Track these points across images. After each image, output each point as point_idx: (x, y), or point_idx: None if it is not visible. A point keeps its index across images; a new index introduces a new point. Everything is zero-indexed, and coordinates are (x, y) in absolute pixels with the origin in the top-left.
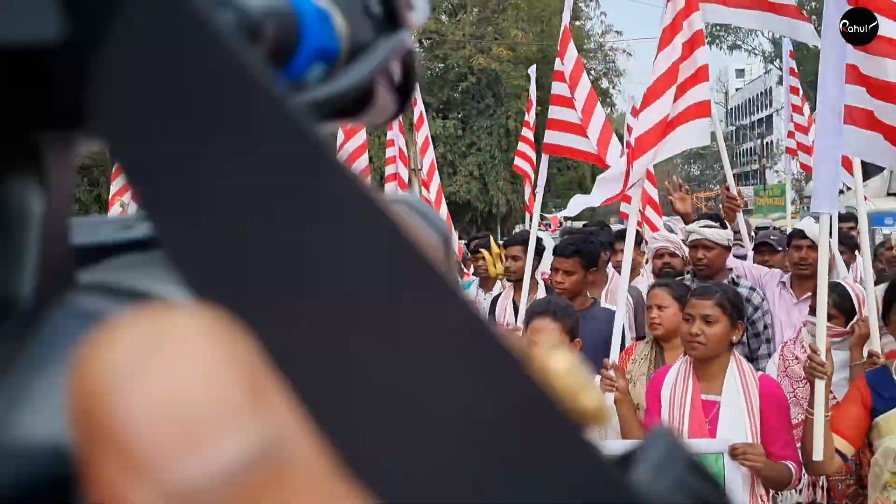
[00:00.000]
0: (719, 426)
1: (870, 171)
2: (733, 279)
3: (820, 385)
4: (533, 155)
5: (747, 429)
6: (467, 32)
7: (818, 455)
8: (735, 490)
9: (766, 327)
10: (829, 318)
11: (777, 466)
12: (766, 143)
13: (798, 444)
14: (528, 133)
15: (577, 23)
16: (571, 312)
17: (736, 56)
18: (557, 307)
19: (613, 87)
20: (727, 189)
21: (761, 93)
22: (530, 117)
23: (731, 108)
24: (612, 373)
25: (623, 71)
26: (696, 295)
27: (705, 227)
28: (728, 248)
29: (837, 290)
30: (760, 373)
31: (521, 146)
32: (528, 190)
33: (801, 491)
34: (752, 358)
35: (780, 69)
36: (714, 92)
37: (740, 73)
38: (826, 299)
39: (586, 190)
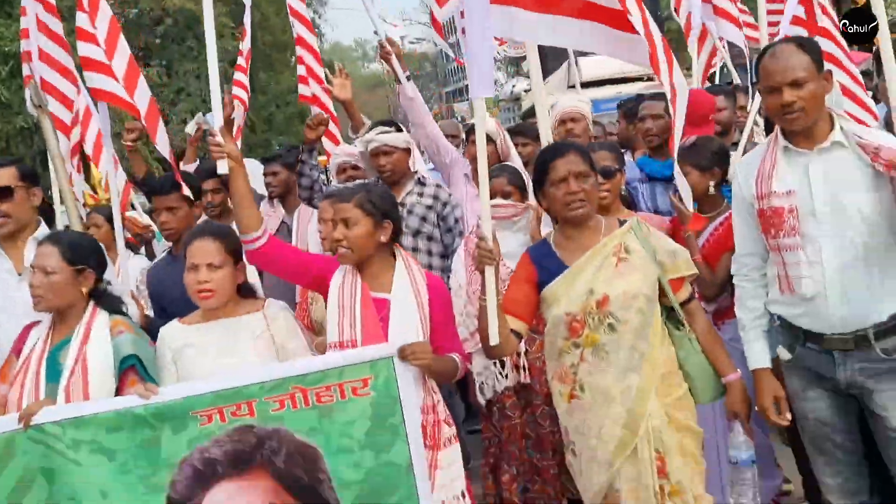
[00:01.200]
0: (391, 323)
1: (549, 67)
2: (419, 179)
3: (490, 271)
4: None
5: (418, 324)
6: None
7: (493, 339)
8: (409, 389)
9: (457, 221)
10: (507, 195)
11: (444, 360)
12: None
13: (475, 332)
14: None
15: None
16: (232, 232)
17: None
18: (215, 228)
19: (319, 17)
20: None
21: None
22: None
23: (442, 24)
24: (219, 139)
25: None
26: (333, 199)
27: (382, 133)
28: (409, 151)
29: (508, 170)
30: (425, 270)
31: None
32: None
33: (507, 376)
34: (448, 254)
35: None
36: (420, 13)
37: None
38: (487, 183)
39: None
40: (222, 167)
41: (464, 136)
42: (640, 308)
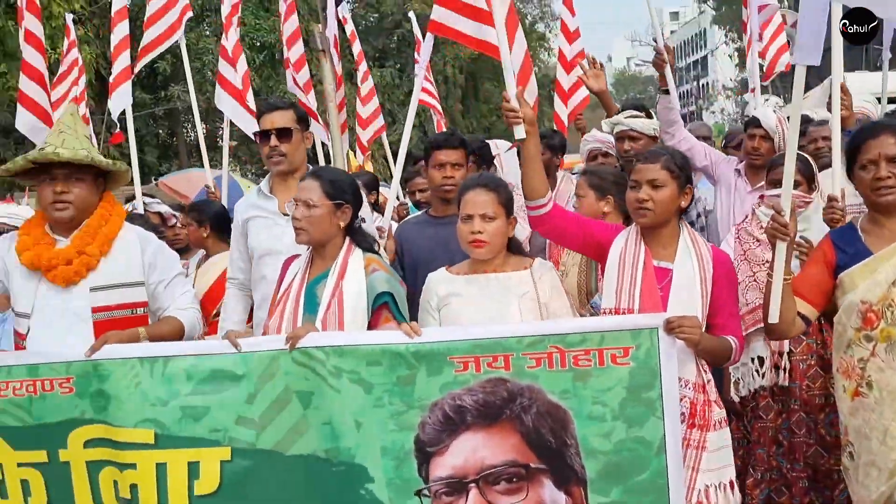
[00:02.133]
0: (672, 293)
1: (810, 83)
2: None
3: (781, 247)
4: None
5: (699, 298)
6: None
7: (773, 318)
8: (671, 364)
9: (699, 216)
10: (795, 185)
11: (717, 340)
12: (703, 84)
13: (751, 312)
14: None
15: None
16: (505, 185)
17: None
18: (489, 178)
19: (550, 31)
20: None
21: (696, 34)
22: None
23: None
24: (514, 104)
25: (559, 14)
26: (642, 160)
27: (630, 117)
28: (655, 139)
29: (799, 158)
30: (711, 243)
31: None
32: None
33: (763, 374)
34: None
35: (714, 9)
36: (648, 35)
37: (674, 15)
38: (794, 162)
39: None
40: (519, 133)
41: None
42: None
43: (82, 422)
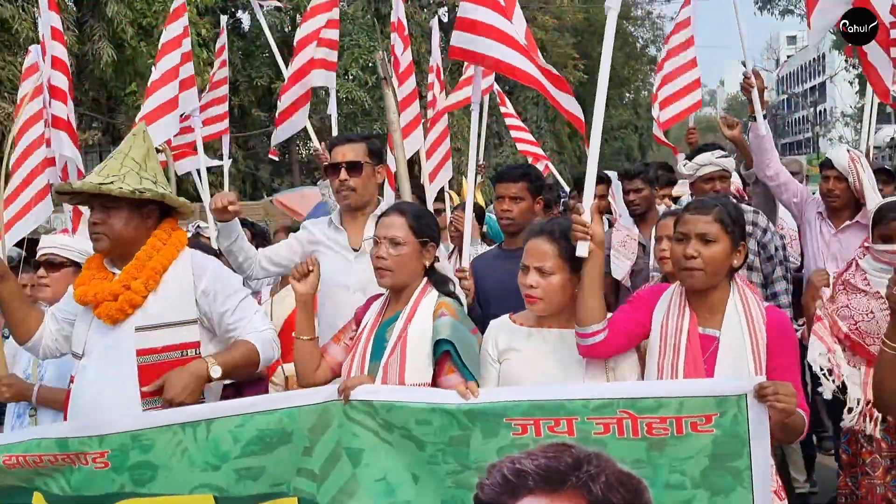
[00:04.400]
0: (717, 365)
1: None
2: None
3: None
4: None
5: (751, 369)
6: None
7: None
8: (762, 433)
9: (777, 249)
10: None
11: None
12: (820, 110)
13: (867, 380)
14: None
15: None
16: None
17: (788, 21)
18: (557, 226)
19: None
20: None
21: (814, 59)
22: None
23: (783, 76)
24: (587, 217)
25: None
26: (690, 210)
27: (722, 157)
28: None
29: None
30: (768, 304)
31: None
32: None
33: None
34: (769, 283)
35: (834, 33)
36: (764, 59)
37: (791, 39)
38: None
39: (633, 159)
40: (582, 250)
41: (806, 172)
42: None
43: (124, 495)
